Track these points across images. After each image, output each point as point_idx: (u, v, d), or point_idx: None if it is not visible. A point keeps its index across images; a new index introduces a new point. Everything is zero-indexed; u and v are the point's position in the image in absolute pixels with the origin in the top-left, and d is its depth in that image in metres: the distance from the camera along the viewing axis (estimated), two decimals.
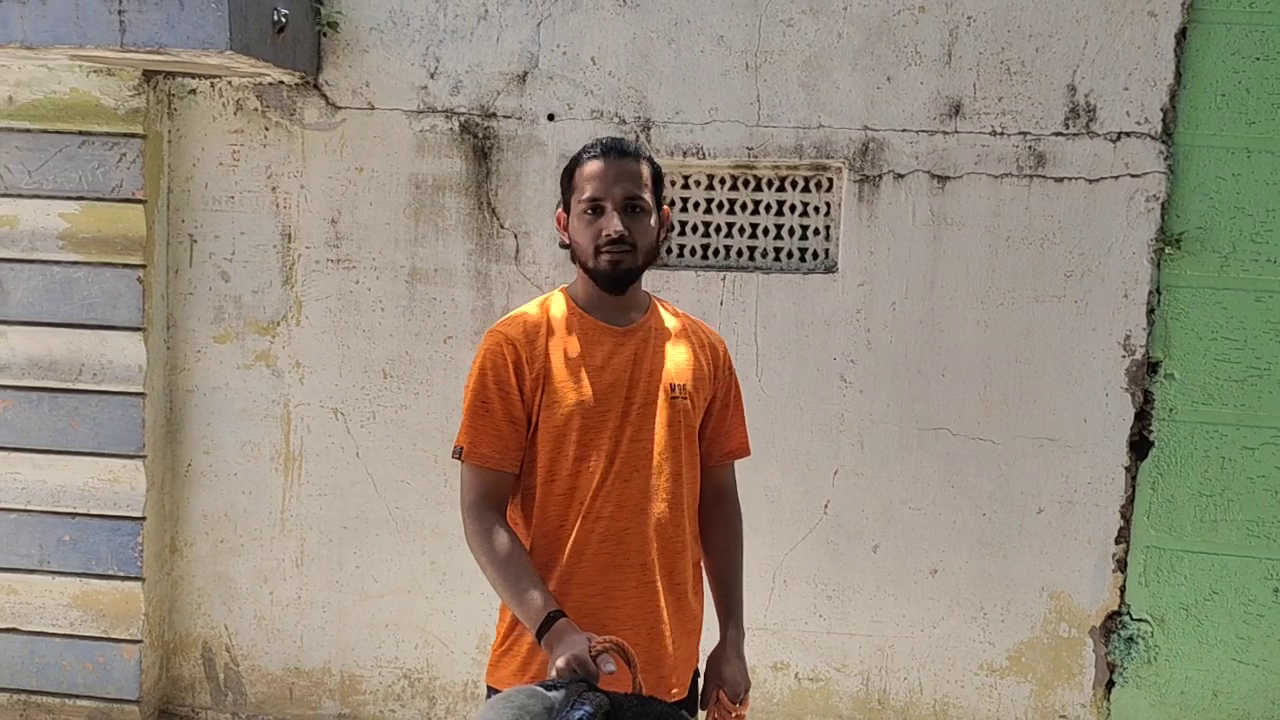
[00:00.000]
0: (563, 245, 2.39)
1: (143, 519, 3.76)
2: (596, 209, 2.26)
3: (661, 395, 2.32)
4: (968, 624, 3.76)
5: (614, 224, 2.23)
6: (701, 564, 2.49)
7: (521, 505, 2.36)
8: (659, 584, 2.33)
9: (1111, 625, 3.72)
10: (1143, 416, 3.65)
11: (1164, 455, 3.64)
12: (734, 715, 2.41)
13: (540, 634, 2.12)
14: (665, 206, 2.38)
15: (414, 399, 3.85)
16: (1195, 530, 3.65)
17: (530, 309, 2.38)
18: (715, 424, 2.47)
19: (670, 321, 2.42)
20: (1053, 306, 3.64)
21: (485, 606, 3.87)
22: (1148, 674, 3.71)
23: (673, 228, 2.47)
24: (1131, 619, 3.70)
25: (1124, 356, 3.63)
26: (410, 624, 3.92)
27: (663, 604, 2.34)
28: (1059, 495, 3.70)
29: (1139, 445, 3.65)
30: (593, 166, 2.27)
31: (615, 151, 2.28)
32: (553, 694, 1.93)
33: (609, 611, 2.29)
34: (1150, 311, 3.61)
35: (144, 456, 3.75)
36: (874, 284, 3.69)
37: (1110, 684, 3.73)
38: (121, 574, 3.77)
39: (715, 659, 2.44)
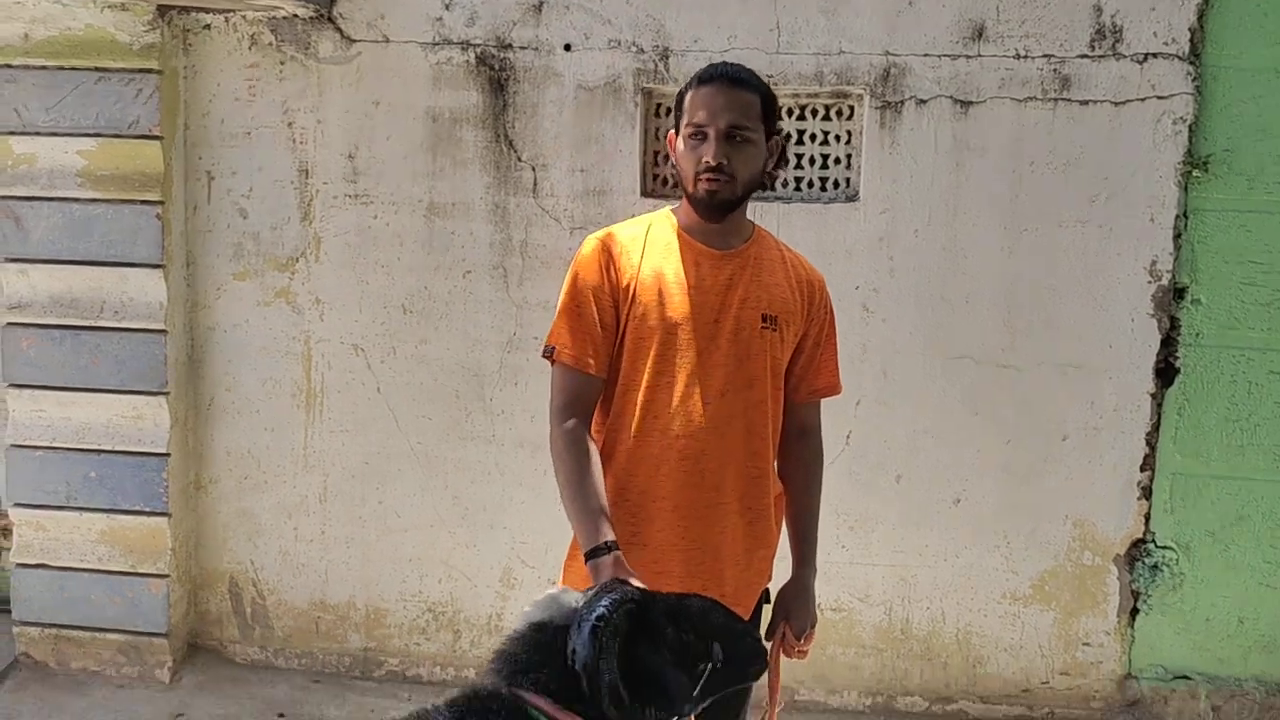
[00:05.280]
0: (673, 169, 2.40)
1: (167, 455, 3.78)
2: (700, 135, 2.26)
3: (751, 323, 2.32)
4: (991, 553, 3.75)
5: (713, 152, 2.23)
6: (780, 497, 2.50)
7: (604, 414, 2.39)
8: (734, 507, 2.35)
9: (1136, 553, 3.70)
10: (1169, 342, 3.61)
11: (1190, 381, 3.61)
12: (797, 650, 2.46)
13: (589, 558, 2.15)
14: (776, 136, 2.36)
15: (434, 334, 3.84)
16: (1222, 456, 3.63)
17: (633, 222, 2.42)
18: (805, 361, 2.46)
19: (771, 253, 2.41)
20: (1077, 232, 3.59)
21: (508, 541, 3.89)
22: (1173, 601, 3.70)
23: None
24: (1157, 546, 3.68)
25: (1150, 282, 3.59)
26: (434, 559, 3.94)
27: (737, 528, 2.36)
28: (1084, 422, 3.67)
29: (1165, 371, 3.62)
30: (702, 92, 2.26)
31: (726, 79, 2.27)
32: (586, 592, 1.95)
33: (681, 529, 2.32)
34: (1177, 236, 3.57)
35: (167, 393, 3.76)
36: (896, 212, 3.65)
37: (1134, 611, 3.73)
38: (147, 510, 3.79)
39: (784, 594, 2.49)
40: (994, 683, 3.81)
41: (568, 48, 3.69)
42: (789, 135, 3.71)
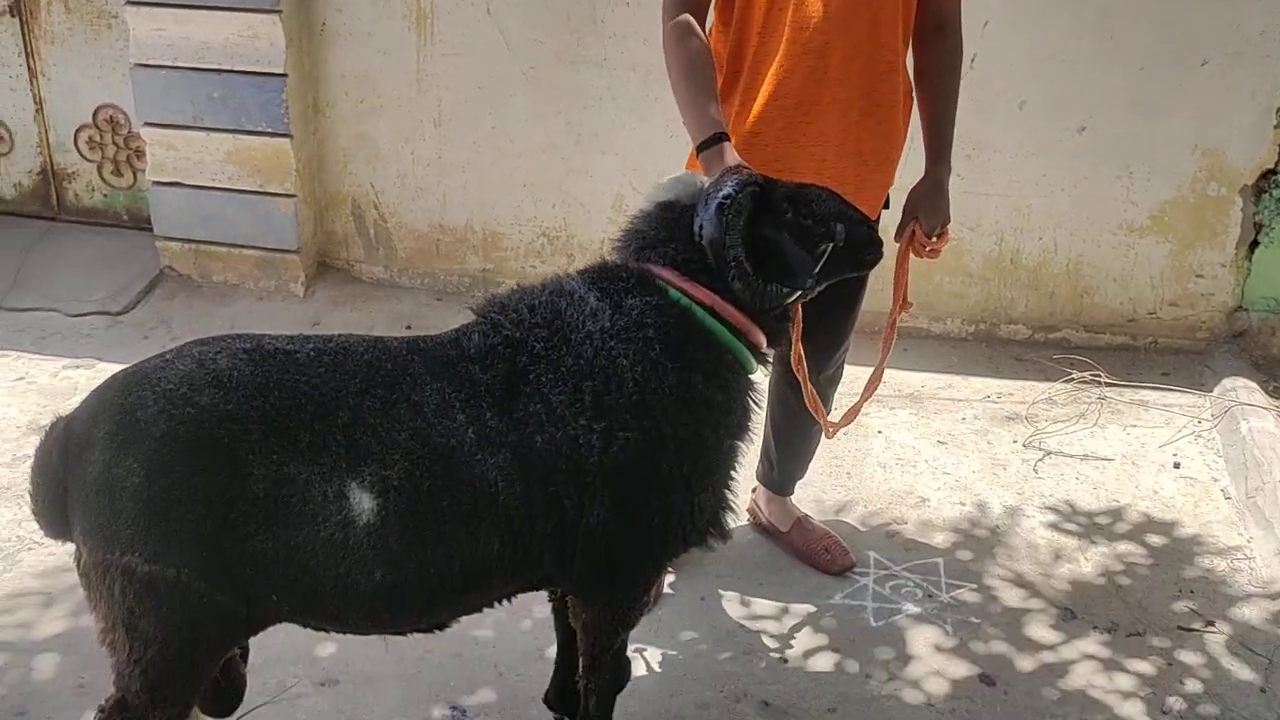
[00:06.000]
0: None
1: (284, 76, 3.81)
2: None
3: None
4: (1111, 183, 3.68)
5: None
6: (912, 95, 2.44)
7: (723, 15, 2.33)
8: (860, 105, 2.31)
9: (1264, 184, 3.59)
10: None
11: None
12: (928, 249, 2.45)
13: (701, 149, 2.16)
14: None
15: None
16: None
17: None
18: None
19: None
20: None
21: (620, 168, 3.92)
22: None
23: None
24: None
25: None
26: (547, 184, 4.00)
27: (863, 125, 2.33)
28: (1226, 47, 3.47)
29: None
30: None
31: None
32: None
33: (802, 126, 2.30)
34: None
35: (279, 12, 3.74)
36: None
37: (1254, 244, 3.67)
38: (270, 130, 3.88)
39: (916, 192, 2.45)
40: (1100, 313, 3.84)
41: None
42: None
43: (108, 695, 1.80)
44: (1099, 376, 3.61)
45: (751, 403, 2.03)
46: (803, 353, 2.39)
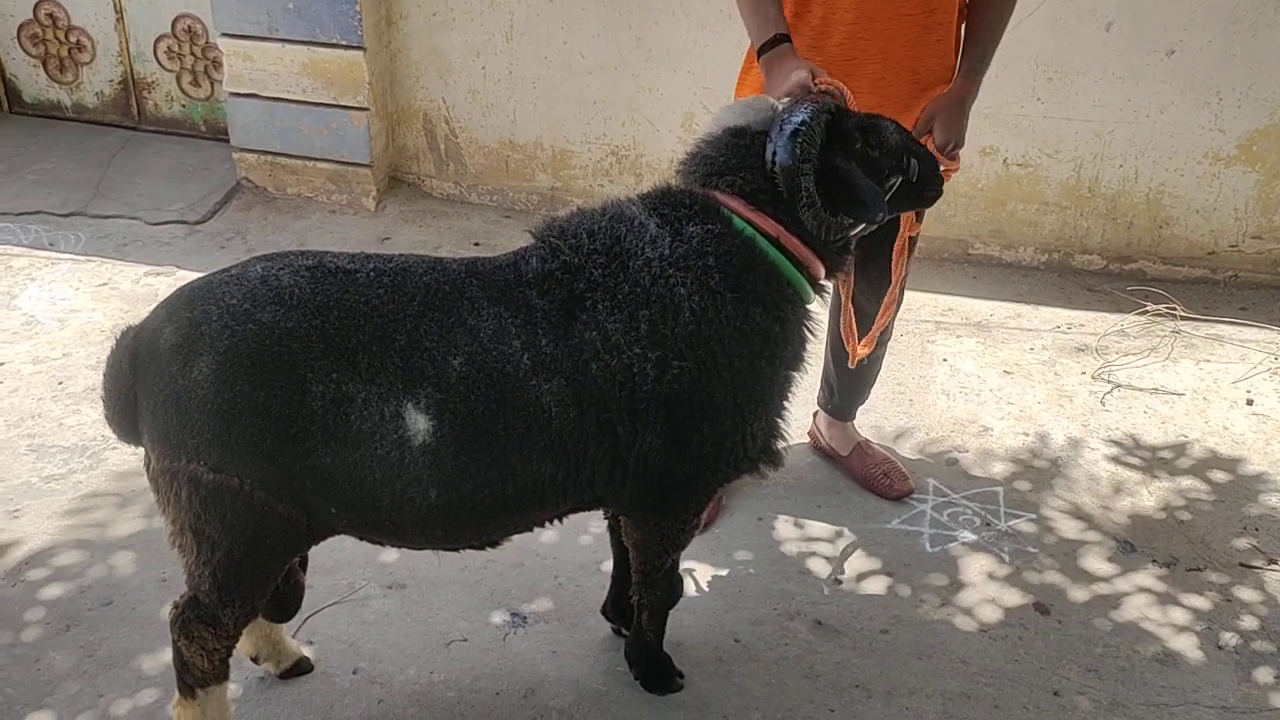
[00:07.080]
0: None
1: None
2: None
3: None
4: (1199, 109, 3.56)
5: None
6: (964, 10, 2.38)
7: None
8: (920, 20, 2.27)
9: None
10: None
11: None
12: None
13: (762, 51, 2.14)
14: None
15: None
16: None
17: None
18: None
19: None
20: None
21: (691, 85, 3.88)
22: None
23: None
24: None
25: None
26: (617, 101, 3.98)
27: (920, 41, 2.29)
28: None
29: None
30: None
31: None
32: (781, 102, 1.96)
33: (861, 43, 2.26)
34: None
35: None
36: None
37: None
38: (344, 43, 3.89)
39: (936, 104, 2.38)
40: (1179, 244, 3.75)
41: None
42: None
43: (181, 592, 1.89)
44: (1174, 309, 3.54)
45: (808, 333, 2.01)
46: (854, 276, 2.37)
